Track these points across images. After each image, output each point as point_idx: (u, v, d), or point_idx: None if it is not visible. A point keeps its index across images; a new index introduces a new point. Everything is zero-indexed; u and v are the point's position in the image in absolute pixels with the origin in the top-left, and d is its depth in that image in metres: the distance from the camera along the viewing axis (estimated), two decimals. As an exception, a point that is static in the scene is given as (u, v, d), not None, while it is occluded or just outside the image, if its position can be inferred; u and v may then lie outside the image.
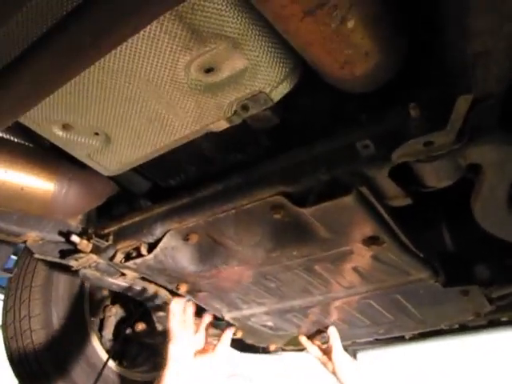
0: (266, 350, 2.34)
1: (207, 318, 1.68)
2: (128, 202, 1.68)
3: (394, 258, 1.39)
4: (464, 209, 1.52)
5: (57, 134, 1.27)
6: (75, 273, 1.99)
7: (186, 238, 1.44)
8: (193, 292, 1.69)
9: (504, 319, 2.12)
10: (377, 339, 2.20)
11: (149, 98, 1.13)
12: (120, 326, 2.25)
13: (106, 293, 2.26)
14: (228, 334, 1.72)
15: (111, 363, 2.18)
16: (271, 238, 1.38)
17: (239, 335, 2.01)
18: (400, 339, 2.27)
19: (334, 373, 1.72)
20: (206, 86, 1.09)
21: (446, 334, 2.27)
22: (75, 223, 1.67)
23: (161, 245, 1.45)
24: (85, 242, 1.57)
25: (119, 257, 1.53)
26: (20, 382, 2.01)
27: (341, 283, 1.56)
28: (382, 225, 1.26)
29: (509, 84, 0.99)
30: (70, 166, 1.51)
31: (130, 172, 1.46)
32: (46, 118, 1.21)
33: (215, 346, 1.68)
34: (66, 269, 2.00)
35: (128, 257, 1.52)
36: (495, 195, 1.20)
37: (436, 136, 1.00)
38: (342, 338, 1.99)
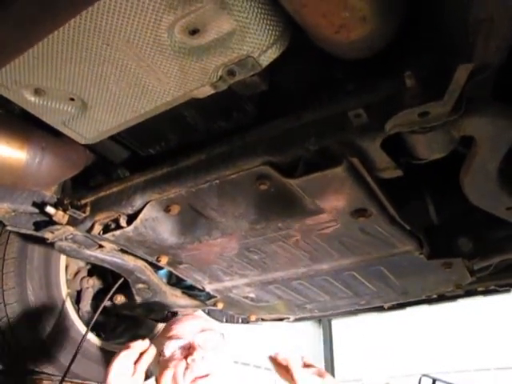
0: (245, 321, 2.34)
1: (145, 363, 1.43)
2: (105, 171, 1.61)
3: (380, 230, 1.38)
4: (448, 181, 1.52)
5: (28, 100, 1.18)
6: (51, 244, 1.95)
7: (167, 210, 1.38)
8: (174, 264, 1.65)
9: (480, 289, 2.15)
10: (357, 309, 2.20)
11: (128, 60, 1.05)
12: (97, 297, 2.21)
13: (82, 264, 2.21)
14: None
15: (90, 335, 2.14)
16: (256, 209, 1.34)
17: (220, 307, 1.99)
18: (378, 309, 2.28)
19: None
20: (190, 49, 1.02)
21: (422, 303, 2.29)
22: (49, 193, 1.59)
23: (141, 216, 1.39)
24: (60, 213, 1.51)
25: (97, 228, 1.47)
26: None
27: (325, 255, 1.55)
28: (370, 197, 1.23)
29: (505, 55, 0.96)
30: (43, 134, 1.42)
31: (108, 140, 1.38)
32: (16, 81, 1.13)
33: None
34: (41, 240, 1.95)
35: (106, 229, 1.46)
36: (486, 169, 1.18)
37: (432, 106, 0.96)
38: (323, 309, 2.00)
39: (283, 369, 1.43)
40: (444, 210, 1.62)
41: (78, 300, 2.18)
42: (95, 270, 2.22)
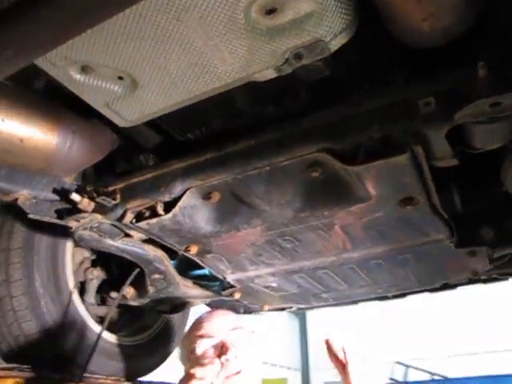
0: (253, 310, 2.32)
1: None
2: (128, 157, 1.54)
3: (420, 218, 1.38)
4: (472, 171, 1.54)
5: (73, 78, 1.11)
6: (58, 233, 1.85)
7: (207, 197, 1.34)
8: (202, 254, 1.60)
9: (483, 277, 2.22)
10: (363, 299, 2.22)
11: (196, 38, 1.00)
12: (102, 289, 2.12)
13: (87, 254, 2.11)
14: None
15: (94, 326, 2.05)
16: (303, 197, 1.32)
17: (237, 297, 1.96)
18: (383, 298, 2.31)
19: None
20: (264, 29, 0.98)
21: (424, 292, 2.33)
22: (70, 180, 1.50)
23: (180, 204, 1.34)
24: (86, 200, 1.42)
25: (129, 217, 1.40)
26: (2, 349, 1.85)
27: (359, 243, 1.54)
28: (422, 185, 1.23)
29: None
30: (74, 116, 1.34)
31: (140, 123, 1.32)
32: (66, 57, 1.05)
33: None
34: (48, 229, 1.85)
35: (140, 217, 1.39)
36: None
37: (506, 97, 0.97)
38: (339, 298, 2.00)
39: (335, 356, 1.43)
40: (468, 199, 1.65)
41: (81, 291, 2.09)
42: (99, 260, 2.13)
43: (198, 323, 1.63)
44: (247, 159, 1.25)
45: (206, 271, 2.04)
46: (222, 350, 1.47)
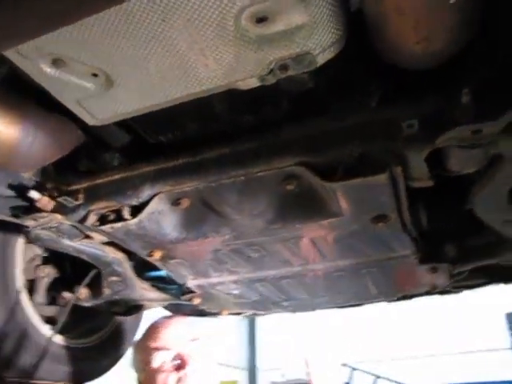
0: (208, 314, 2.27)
1: None
2: (93, 155, 1.46)
3: (390, 235, 1.39)
4: (437, 189, 1.57)
5: (43, 71, 1.03)
6: (8, 228, 1.74)
7: (176, 203, 1.28)
8: (165, 259, 1.54)
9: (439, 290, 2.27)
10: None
11: (181, 40, 0.95)
12: (53, 288, 2.01)
13: (39, 251, 2.00)
14: None
15: (41, 326, 1.95)
16: (275, 209, 1.29)
17: (196, 302, 1.90)
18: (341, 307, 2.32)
19: None
20: (253, 37, 0.95)
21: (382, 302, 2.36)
22: (28, 176, 1.41)
23: (148, 209, 1.28)
24: (46, 198, 1.34)
25: (92, 219, 1.33)
26: None
27: (327, 256, 1.53)
28: (396, 204, 1.24)
29: None
30: (38, 109, 1.26)
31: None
32: (37, 48, 0.97)
33: None
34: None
35: (104, 219, 1.32)
36: (503, 186, 1.23)
37: (487, 125, 0.99)
38: (299, 307, 2.00)
39: None
40: (433, 216, 1.68)
41: (30, 290, 1.97)
42: (52, 257, 2.02)
43: (153, 331, 1.57)
44: (221, 167, 1.21)
45: (163, 273, 1.98)
46: (179, 363, 1.43)
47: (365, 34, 1.00)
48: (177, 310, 2.45)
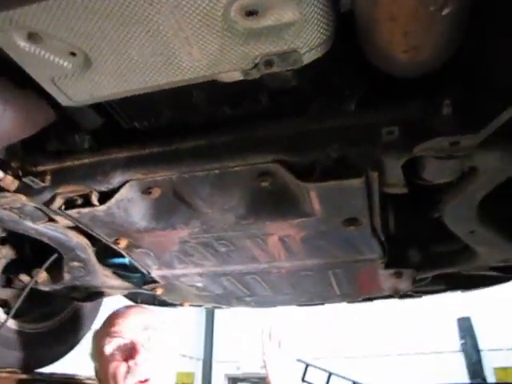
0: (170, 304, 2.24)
1: None
2: (62, 136, 1.40)
3: (359, 238, 1.40)
4: (405, 194, 1.59)
5: (17, 45, 0.98)
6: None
7: (146, 192, 1.25)
8: (130, 248, 1.51)
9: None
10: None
11: (166, 26, 0.92)
12: (8, 270, 1.94)
13: (-4, 231, 1.92)
14: None
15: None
16: (248, 204, 1.28)
17: (159, 292, 1.88)
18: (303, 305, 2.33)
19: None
20: (240, 30, 0.92)
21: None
22: (-8, 152, 1.35)
23: (117, 196, 1.25)
24: (9, 177, 1.28)
25: (58, 202, 1.28)
26: None
27: (295, 255, 1.53)
28: (368, 209, 1.24)
29: None
30: (7, 83, 1.19)
31: (84, 103, 1.20)
32: (12, 20, 0.92)
33: None
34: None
35: (71, 204, 1.28)
36: (474, 197, 1.26)
37: (466, 138, 1.00)
38: (261, 303, 2.00)
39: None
40: (400, 221, 1.70)
41: (-17, 271, 1.90)
42: (10, 237, 1.94)
43: (110, 320, 1.53)
44: (196, 159, 1.18)
45: (125, 260, 1.94)
46: (130, 351, 1.39)
47: (353, 36, 1.00)
48: (135, 298, 2.42)
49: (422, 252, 1.70)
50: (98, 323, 1.85)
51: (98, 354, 1.47)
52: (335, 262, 1.59)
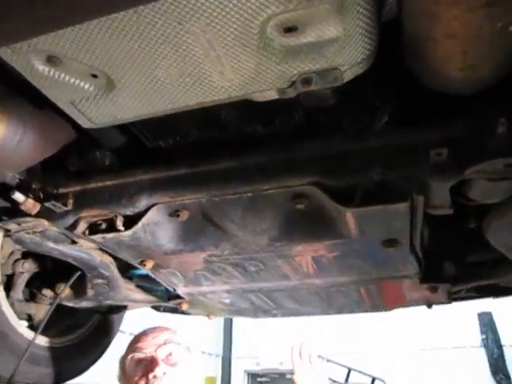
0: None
1: None
2: (84, 154, 1.33)
3: (398, 257, 1.32)
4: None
5: (35, 68, 0.91)
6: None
7: (174, 215, 1.18)
8: (157, 268, 1.45)
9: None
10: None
11: (197, 46, 0.84)
12: (32, 284, 1.89)
13: (18, 245, 1.87)
14: None
15: (18, 325, 1.83)
16: (281, 227, 1.20)
17: (184, 307, 1.82)
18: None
19: None
20: (277, 48, 0.85)
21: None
22: (11, 173, 1.28)
23: (143, 220, 1.18)
24: (31, 201, 1.22)
25: (82, 227, 1.22)
26: None
27: (327, 272, 1.46)
28: (410, 230, 1.16)
29: None
30: (26, 105, 1.13)
31: (105, 121, 1.13)
32: (30, 43, 0.85)
33: None
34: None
35: (95, 229, 1.21)
36: None
37: None
38: (286, 314, 1.94)
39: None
40: (434, 235, 1.62)
41: (7, 286, 1.85)
42: (32, 252, 1.90)
43: (134, 339, 1.52)
44: (227, 182, 1.11)
45: (148, 271, 1.89)
46: (150, 365, 1.38)
47: (396, 51, 0.91)
48: (158, 306, 2.37)
49: (457, 265, 1.61)
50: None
51: (122, 372, 1.47)
52: (369, 279, 1.51)
